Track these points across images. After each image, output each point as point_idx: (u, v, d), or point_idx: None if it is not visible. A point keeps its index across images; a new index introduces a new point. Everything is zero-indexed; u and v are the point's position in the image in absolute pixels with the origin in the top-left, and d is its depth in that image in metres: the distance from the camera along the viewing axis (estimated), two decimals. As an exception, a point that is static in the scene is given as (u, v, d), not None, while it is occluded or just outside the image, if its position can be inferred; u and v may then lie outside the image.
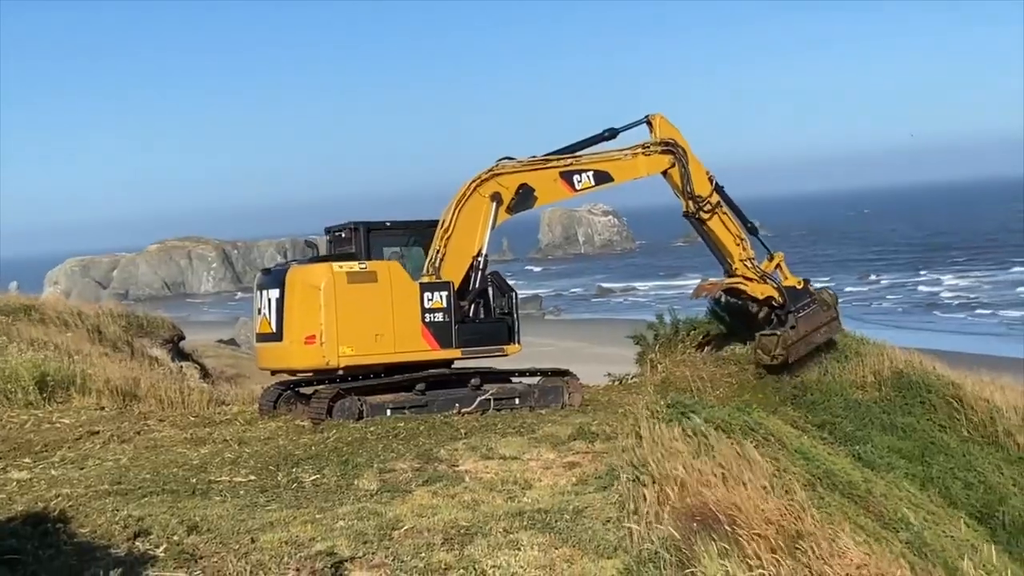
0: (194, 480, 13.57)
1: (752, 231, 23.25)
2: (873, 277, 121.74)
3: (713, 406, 16.17)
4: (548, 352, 52.21)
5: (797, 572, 8.06)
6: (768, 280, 22.72)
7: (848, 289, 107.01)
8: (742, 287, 22.72)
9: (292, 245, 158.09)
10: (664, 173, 22.16)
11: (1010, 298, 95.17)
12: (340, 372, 18.35)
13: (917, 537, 12.93)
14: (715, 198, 22.30)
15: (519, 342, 19.91)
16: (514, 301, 20.02)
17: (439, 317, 18.83)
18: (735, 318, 25.13)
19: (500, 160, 20.35)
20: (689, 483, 10.32)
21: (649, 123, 22.20)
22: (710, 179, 22.39)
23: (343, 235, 19.60)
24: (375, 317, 18.30)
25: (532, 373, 20.39)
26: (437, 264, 19.08)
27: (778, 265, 23.11)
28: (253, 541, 10.28)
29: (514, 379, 20.02)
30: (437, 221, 19.71)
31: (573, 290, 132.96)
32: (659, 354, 25.31)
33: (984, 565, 12.33)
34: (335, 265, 18.32)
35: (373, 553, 9.93)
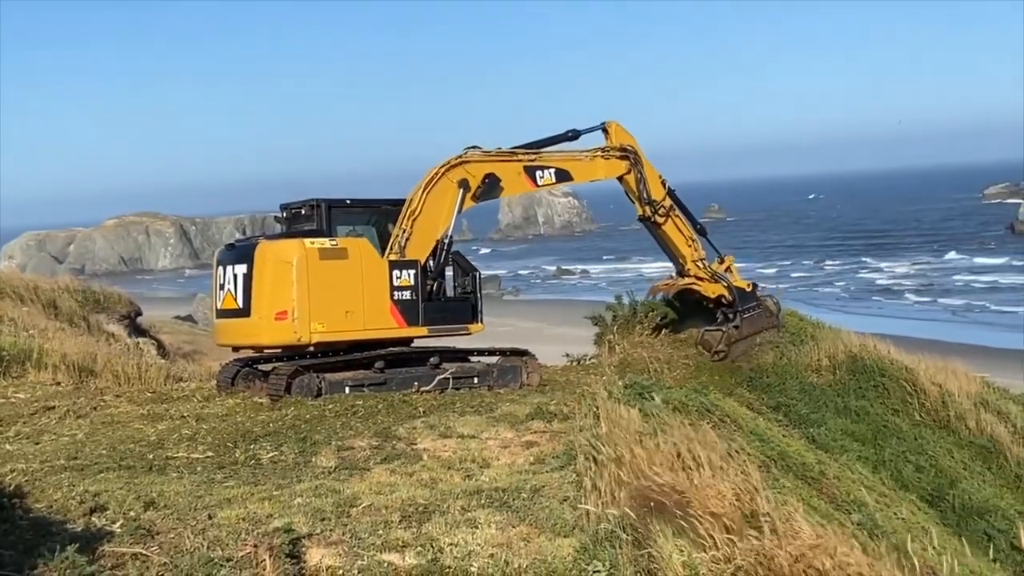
0: (151, 456, 13.50)
1: (701, 232, 23.85)
2: (819, 263, 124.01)
3: (670, 387, 16.32)
4: (507, 332, 52.32)
5: (751, 551, 8.17)
6: (719, 279, 23.39)
7: (794, 275, 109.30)
8: (695, 287, 23.50)
9: (251, 222, 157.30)
10: (620, 178, 22.68)
11: (947, 285, 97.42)
12: (311, 348, 18.32)
13: (869, 519, 13.12)
14: (668, 202, 22.94)
15: (482, 321, 20.04)
16: (477, 280, 20.12)
17: (407, 295, 18.91)
18: (691, 302, 25.38)
19: (468, 149, 20.49)
20: (646, 463, 10.40)
21: (605, 130, 22.59)
22: (663, 183, 22.88)
23: (303, 212, 19.52)
24: (346, 294, 18.31)
25: (491, 352, 20.46)
26: (403, 244, 19.13)
27: (728, 268, 23.86)
28: (210, 517, 10.24)
29: (473, 358, 20.08)
30: (396, 201, 19.80)
31: (531, 271, 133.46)
32: (617, 335, 25.46)
33: (933, 547, 12.54)
34: (307, 241, 18.27)
35: (331, 530, 9.93)
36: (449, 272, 19.85)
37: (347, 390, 17.83)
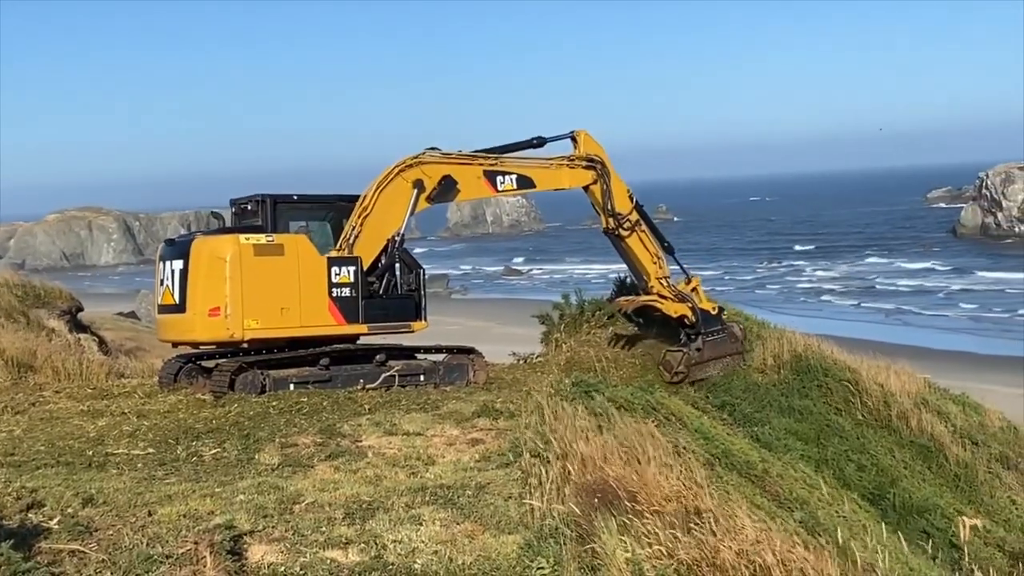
0: (90, 452, 13.34)
1: (669, 250, 23.24)
2: (757, 265, 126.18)
3: (616, 385, 16.37)
4: (455, 331, 52.32)
5: (694, 547, 8.20)
6: (684, 300, 22.77)
7: (733, 277, 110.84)
8: (657, 305, 22.74)
9: (196, 218, 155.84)
10: (586, 188, 22.28)
11: (881, 287, 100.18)
12: (245, 345, 18.15)
13: (811, 517, 13.23)
14: (635, 216, 22.44)
15: (426, 319, 19.90)
16: (421, 278, 19.99)
17: (346, 292, 18.75)
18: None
19: (427, 150, 20.29)
20: (590, 460, 10.41)
21: (574, 138, 22.23)
22: (630, 197, 22.49)
23: (249, 207, 19.35)
24: (281, 290, 18.13)
25: (438, 350, 20.38)
26: (351, 241, 19.00)
27: (694, 288, 23.19)
28: (150, 514, 10.12)
29: (419, 356, 19.99)
30: (345, 196, 19.69)
31: (479, 269, 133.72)
32: (564, 334, 25.45)
33: (874, 544, 12.66)
34: (242, 237, 18.09)
35: (273, 527, 9.84)
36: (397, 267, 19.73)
37: (291, 387, 17.71)
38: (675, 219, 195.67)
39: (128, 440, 14.13)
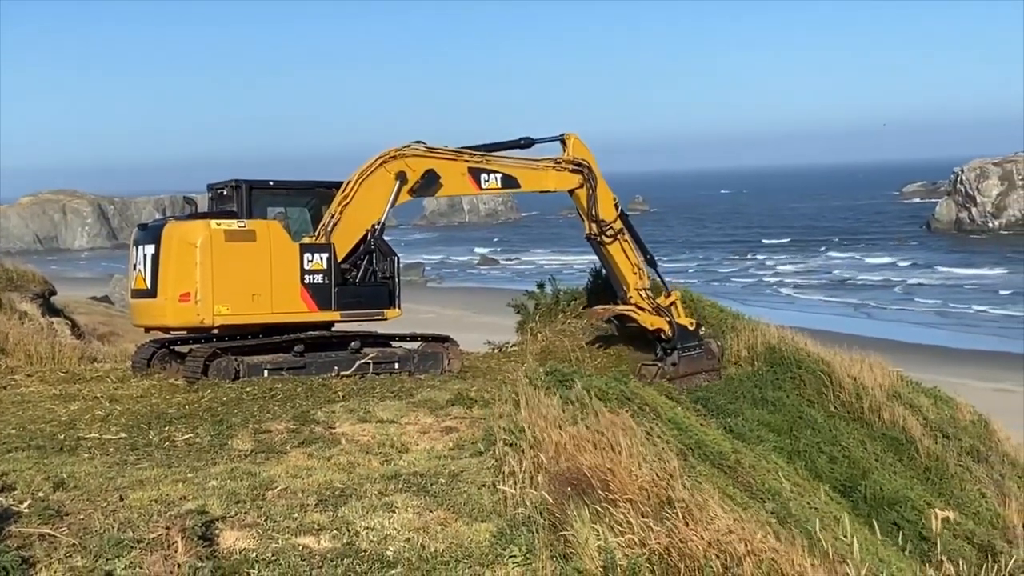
0: (62, 436, 13.26)
1: (651, 263, 23.04)
2: (725, 258, 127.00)
3: (591, 375, 16.40)
4: (430, 319, 52.32)
5: (665, 536, 8.24)
6: (662, 313, 22.49)
7: (701, 269, 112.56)
8: (633, 315, 22.49)
9: (172, 203, 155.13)
10: (571, 192, 22.12)
11: (849, 281, 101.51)
12: (215, 331, 18.07)
13: (783, 507, 13.31)
14: (618, 224, 22.27)
15: (399, 307, 19.84)
16: (396, 266, 19.92)
17: (318, 279, 18.67)
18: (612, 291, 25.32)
19: (413, 143, 20.20)
20: (564, 449, 10.44)
21: (563, 141, 22.06)
22: (616, 205, 22.34)
23: (225, 192, 19.24)
24: (253, 276, 18.04)
25: (412, 338, 20.35)
26: (329, 228, 18.92)
27: (673, 303, 22.90)
28: (122, 499, 10.08)
29: (394, 344, 19.96)
30: (324, 183, 19.62)
31: (454, 258, 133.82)
32: (539, 323, 25.44)
33: (844, 535, 12.75)
34: (213, 222, 17.99)
35: (245, 513, 9.82)
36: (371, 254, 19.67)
37: (266, 373, 17.64)
38: (652, 210, 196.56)
39: (100, 424, 14.06)
